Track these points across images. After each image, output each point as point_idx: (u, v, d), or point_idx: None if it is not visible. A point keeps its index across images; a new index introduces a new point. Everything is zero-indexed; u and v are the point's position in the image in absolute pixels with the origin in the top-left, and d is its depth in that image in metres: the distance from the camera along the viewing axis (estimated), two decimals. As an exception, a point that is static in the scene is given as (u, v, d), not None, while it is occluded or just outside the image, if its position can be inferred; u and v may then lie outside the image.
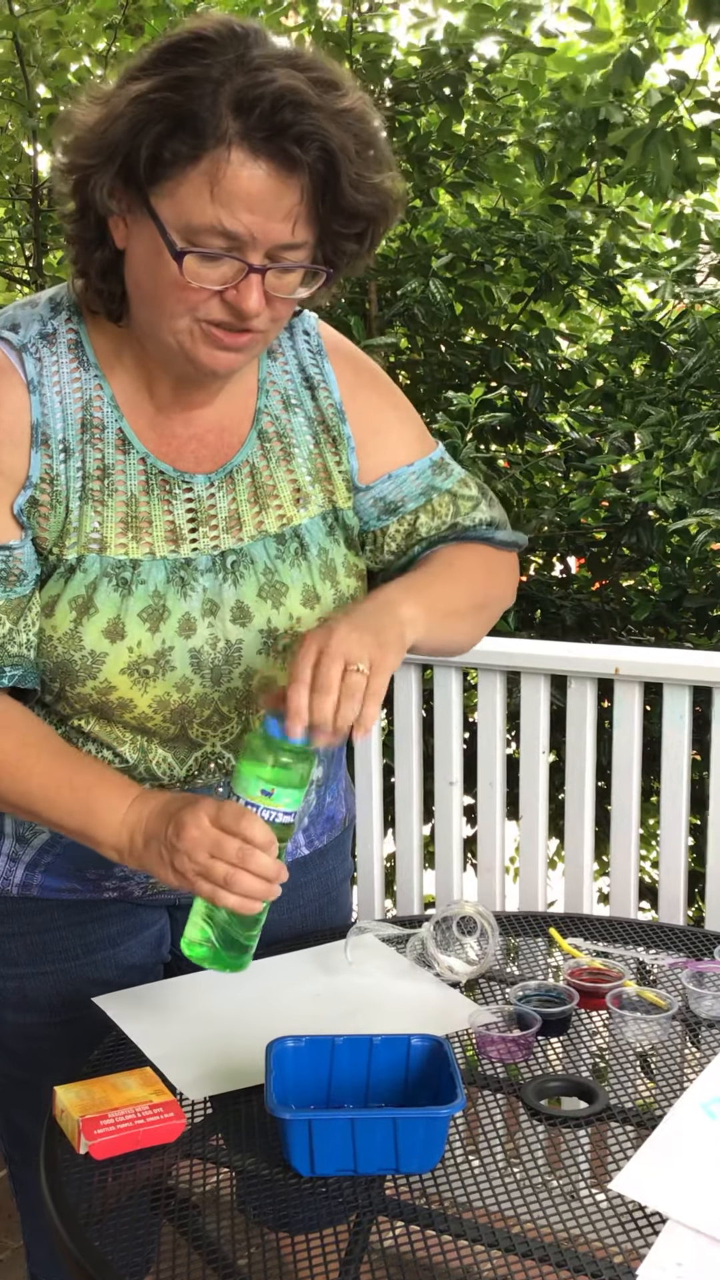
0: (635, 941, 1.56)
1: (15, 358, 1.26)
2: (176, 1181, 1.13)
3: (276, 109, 1.11)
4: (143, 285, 1.21)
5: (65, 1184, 1.10)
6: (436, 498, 1.43)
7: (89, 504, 1.27)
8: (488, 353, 3.21)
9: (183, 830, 1.15)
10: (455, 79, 3.17)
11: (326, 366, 1.39)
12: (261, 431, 1.35)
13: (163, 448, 1.31)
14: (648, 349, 3.04)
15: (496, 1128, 1.19)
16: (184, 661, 1.29)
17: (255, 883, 1.14)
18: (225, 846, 1.13)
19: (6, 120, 4.02)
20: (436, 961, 1.43)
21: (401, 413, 1.46)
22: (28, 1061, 1.42)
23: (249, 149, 1.12)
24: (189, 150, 1.12)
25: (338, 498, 1.38)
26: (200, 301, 1.18)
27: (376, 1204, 1.10)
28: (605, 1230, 1.03)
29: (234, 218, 1.13)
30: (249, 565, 1.32)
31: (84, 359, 1.29)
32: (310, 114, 1.12)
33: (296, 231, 1.17)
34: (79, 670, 1.27)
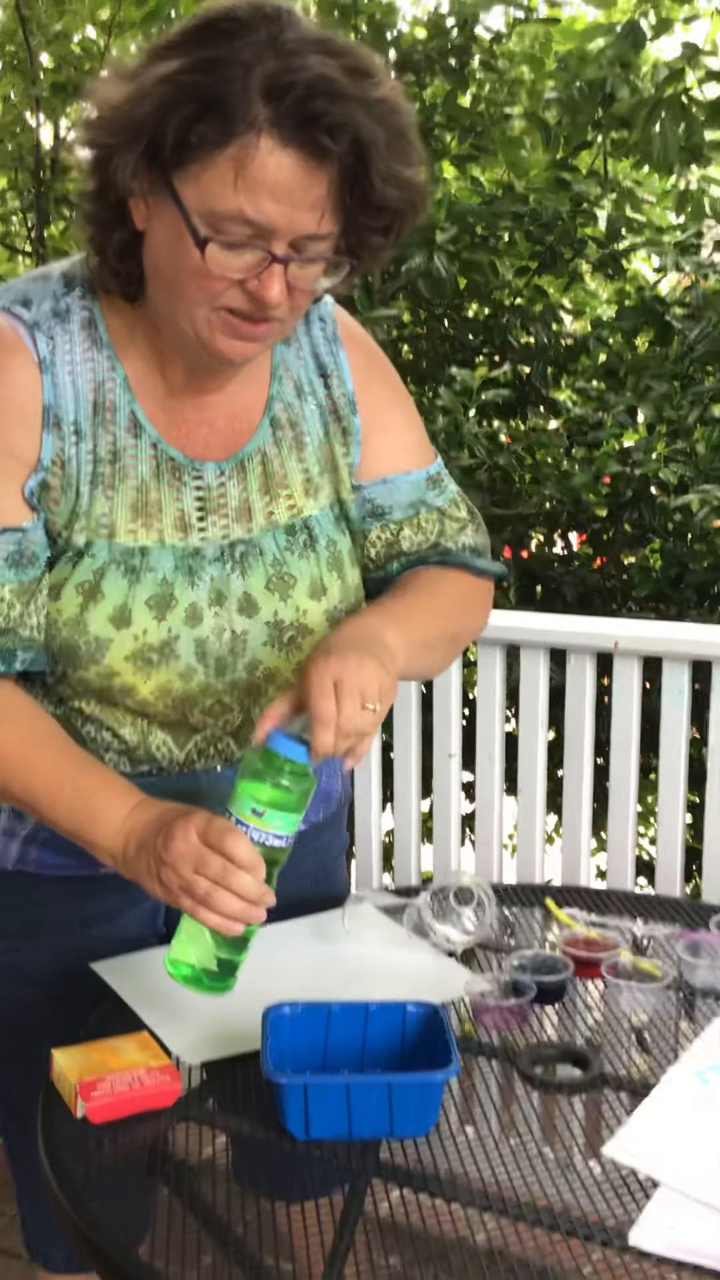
0: (631, 913, 1.56)
1: (27, 335, 1.23)
2: (173, 1145, 1.14)
3: (310, 97, 1.08)
4: (162, 269, 1.18)
5: (62, 1147, 1.11)
6: (424, 513, 1.41)
7: (99, 488, 1.25)
8: (491, 327, 3.20)
9: (170, 843, 1.12)
10: (461, 50, 3.15)
11: (341, 355, 1.37)
12: (274, 419, 1.33)
13: (173, 432, 1.29)
14: (652, 324, 3.03)
15: (491, 1095, 1.19)
16: (189, 651, 1.28)
17: (235, 903, 1.11)
18: (208, 863, 1.11)
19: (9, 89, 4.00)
20: (433, 931, 1.43)
21: (408, 415, 1.44)
22: (22, 1034, 1.42)
23: (279, 137, 1.09)
24: (217, 135, 1.08)
25: (343, 490, 1.37)
26: (221, 290, 1.15)
27: (371, 1169, 1.10)
28: (598, 1195, 1.04)
29: (259, 207, 1.10)
30: (258, 556, 1.31)
31: (97, 339, 1.26)
32: (343, 104, 1.09)
33: (322, 223, 1.14)
34: (83, 655, 1.26)
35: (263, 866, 1.13)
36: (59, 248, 3.94)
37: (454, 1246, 1.03)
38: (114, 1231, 1.02)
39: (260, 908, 1.13)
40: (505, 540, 2.98)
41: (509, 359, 3.15)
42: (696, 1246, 0.97)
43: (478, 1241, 1.02)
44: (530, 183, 3.35)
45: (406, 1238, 1.08)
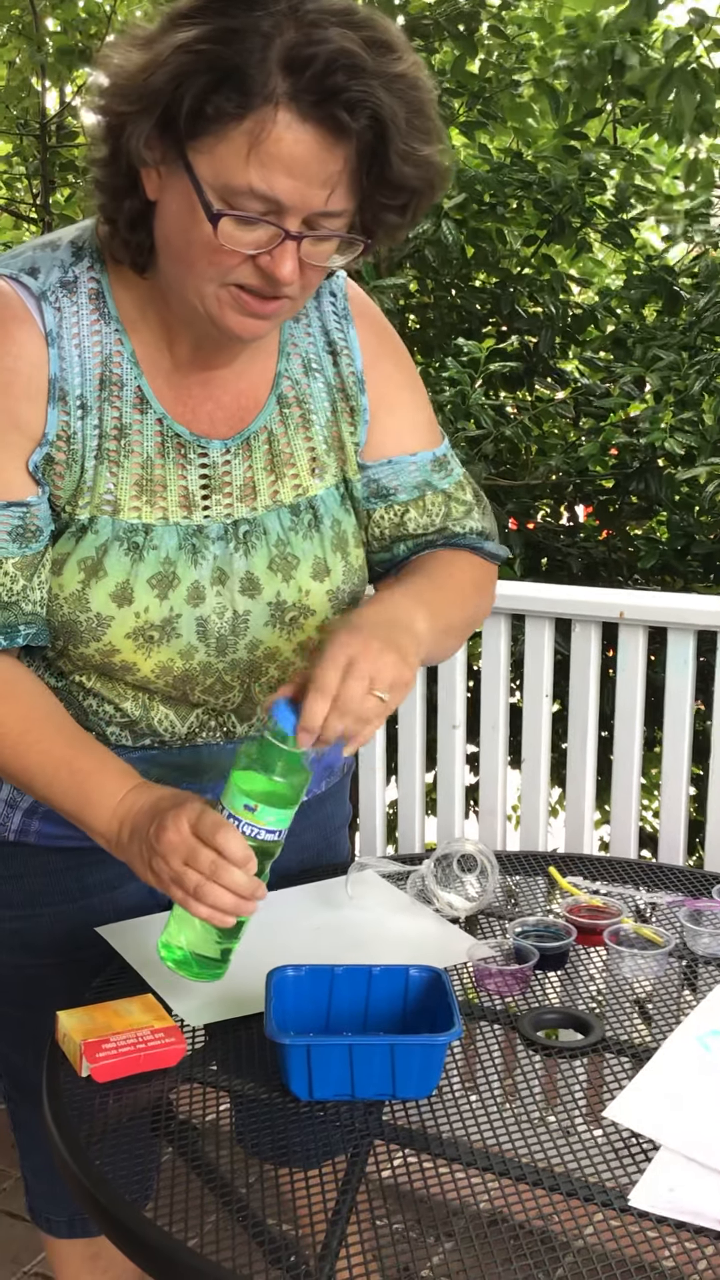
0: (634, 881, 1.57)
1: (34, 305, 1.20)
2: (176, 1106, 1.15)
3: (329, 71, 1.05)
4: (173, 242, 1.15)
5: (67, 1106, 1.12)
6: (430, 495, 1.39)
7: (104, 464, 1.24)
8: (498, 297, 3.18)
9: (162, 833, 1.12)
10: (470, 16, 3.11)
11: (351, 332, 1.35)
12: (281, 396, 1.31)
13: (179, 408, 1.27)
14: (660, 293, 3.01)
15: (494, 1059, 1.20)
16: (190, 629, 1.28)
17: (226, 896, 1.11)
18: (199, 856, 1.10)
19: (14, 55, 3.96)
20: (436, 897, 1.44)
21: (417, 396, 1.42)
22: (25, 1002, 1.43)
23: (296, 111, 1.06)
24: (234, 107, 1.05)
25: (349, 469, 1.35)
26: (233, 265, 1.12)
27: (374, 1130, 1.11)
28: (599, 1157, 1.05)
29: (274, 182, 1.08)
30: (261, 536, 1.30)
31: (105, 311, 1.24)
32: (364, 79, 1.06)
33: (336, 200, 1.11)
34: (83, 631, 1.25)
35: (254, 861, 1.12)
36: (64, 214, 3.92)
37: (456, 1209, 1.04)
38: (118, 1189, 1.03)
39: (251, 902, 1.12)
40: (511, 512, 2.97)
41: (516, 329, 3.13)
42: (696, 1208, 0.97)
43: (480, 1203, 1.03)
44: (539, 150, 3.32)
45: (409, 1200, 1.09)
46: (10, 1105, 1.54)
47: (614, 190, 3.22)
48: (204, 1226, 1.00)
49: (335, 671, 1.12)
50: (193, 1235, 0.99)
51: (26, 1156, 1.55)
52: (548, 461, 2.93)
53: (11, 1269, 2.24)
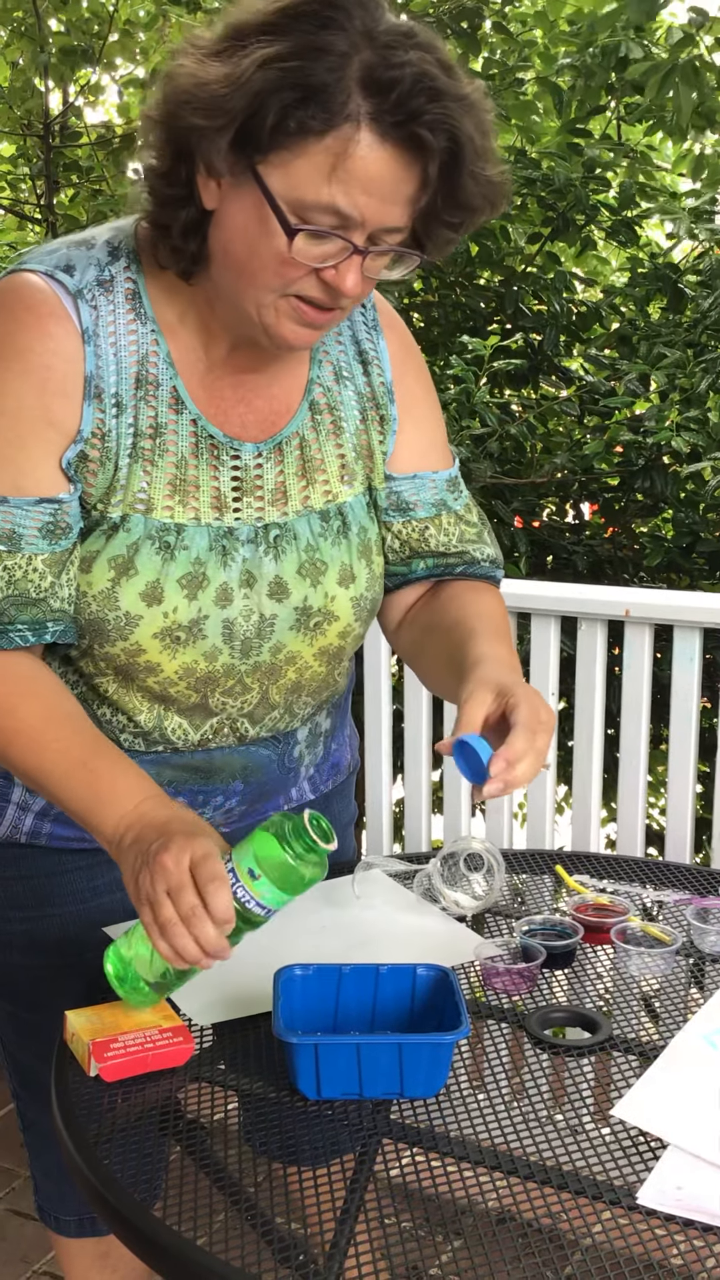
0: (641, 879, 1.57)
1: (70, 303, 1.20)
2: (185, 1105, 1.15)
3: (413, 94, 1.07)
4: (234, 253, 1.16)
5: (75, 1105, 1.12)
6: (445, 515, 1.41)
7: (138, 463, 1.24)
8: (503, 295, 3.18)
9: (163, 852, 1.09)
10: (473, 12, 3.11)
11: (381, 342, 1.36)
12: (313, 403, 1.33)
13: (211, 410, 1.27)
14: (664, 291, 3.01)
15: (501, 1057, 1.20)
16: (216, 631, 1.28)
17: (190, 945, 1.08)
18: (183, 896, 1.08)
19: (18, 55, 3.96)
20: (442, 896, 1.44)
21: (436, 413, 1.44)
22: (35, 1003, 1.43)
23: (378, 132, 1.08)
24: (318, 124, 1.07)
25: (375, 477, 1.36)
26: (296, 277, 1.14)
27: (382, 1129, 1.11)
28: (607, 1156, 1.05)
29: (352, 199, 1.09)
30: (291, 541, 1.30)
31: (141, 311, 1.24)
32: (443, 102, 1.09)
33: (404, 217, 1.14)
34: (111, 630, 1.25)
35: (232, 924, 1.09)
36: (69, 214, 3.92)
37: (464, 1207, 1.04)
38: (126, 1188, 1.03)
39: (210, 960, 1.10)
40: (516, 510, 2.97)
41: (521, 327, 3.13)
42: (704, 1205, 0.98)
43: (488, 1202, 1.03)
44: (543, 148, 3.32)
45: (417, 1199, 1.09)
46: (19, 1105, 1.54)
47: (618, 188, 3.22)
48: (213, 1225, 1.01)
49: (530, 720, 1.16)
50: (202, 1234, 1.00)
51: (36, 1156, 1.55)
52: (553, 459, 2.93)
53: (21, 1268, 2.25)
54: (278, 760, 1.40)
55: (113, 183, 3.96)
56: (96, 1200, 1.04)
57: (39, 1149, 1.54)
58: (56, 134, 3.95)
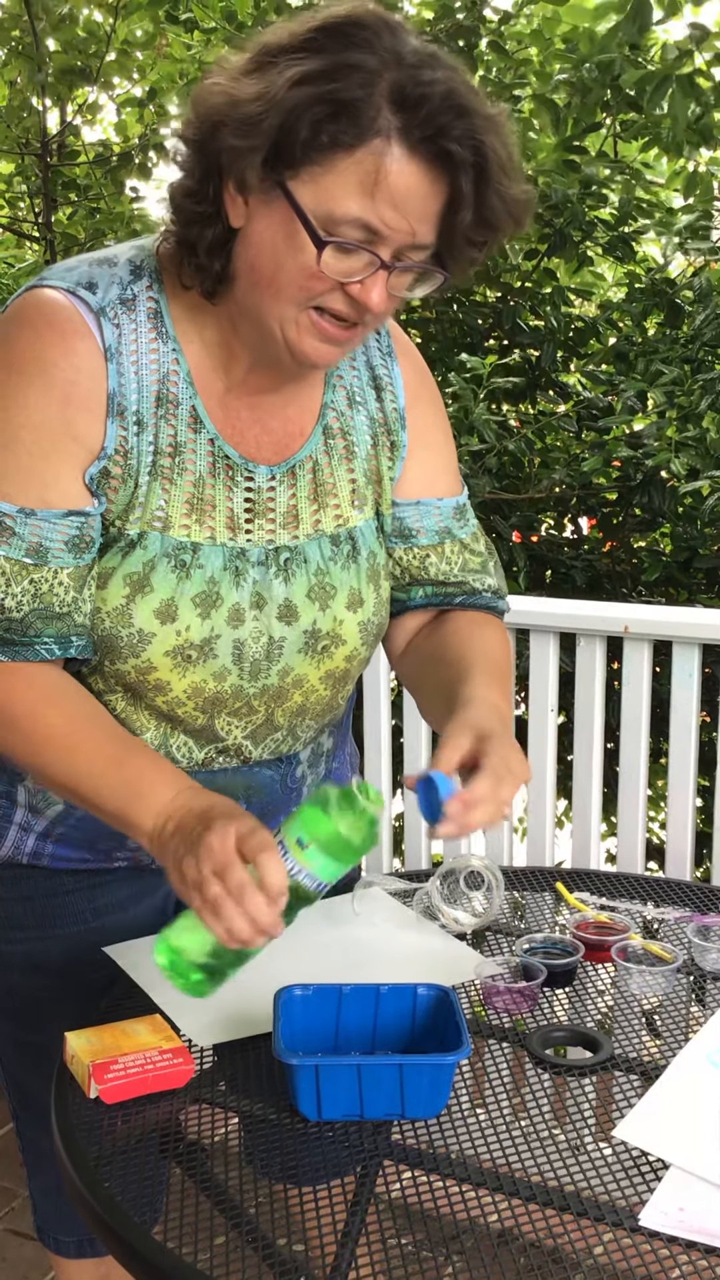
0: (641, 896, 1.56)
1: (93, 321, 1.21)
2: (185, 1126, 1.14)
3: (442, 110, 1.09)
4: (261, 268, 1.17)
5: (75, 1127, 1.12)
6: (449, 543, 1.42)
7: (158, 480, 1.24)
8: (500, 310, 3.18)
9: (206, 834, 1.09)
10: (469, 31, 3.13)
11: (395, 368, 1.37)
12: (327, 427, 1.33)
13: (228, 430, 1.28)
14: (661, 306, 3.02)
15: (502, 1077, 1.20)
16: (226, 651, 1.28)
17: (242, 921, 1.07)
18: (231, 871, 1.07)
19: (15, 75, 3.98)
20: (442, 914, 1.44)
21: (447, 440, 1.45)
22: (35, 1024, 1.43)
23: (408, 147, 1.10)
24: (349, 139, 1.09)
25: (383, 503, 1.37)
26: (321, 291, 1.15)
27: (383, 1150, 1.11)
28: (609, 1176, 1.05)
29: (381, 214, 1.11)
30: (301, 564, 1.31)
31: (163, 331, 1.25)
32: (472, 119, 1.11)
33: (428, 233, 1.15)
34: (123, 647, 1.25)
35: (285, 895, 1.07)
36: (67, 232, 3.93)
37: (465, 1227, 1.03)
38: (126, 1210, 1.03)
39: (263, 939, 1.09)
40: (515, 525, 2.97)
41: (518, 343, 3.14)
42: (706, 1227, 0.97)
43: (489, 1223, 1.03)
44: (539, 165, 3.33)
45: (418, 1219, 1.09)
46: (19, 1126, 1.54)
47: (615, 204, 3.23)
48: (213, 1247, 1.00)
49: (497, 768, 1.16)
50: (202, 1256, 0.99)
51: (35, 1177, 1.55)
52: (551, 475, 2.93)
53: (20, 1288, 2.24)
54: (280, 781, 1.40)
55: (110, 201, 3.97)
56: (96, 1223, 1.04)
57: (38, 1170, 1.53)
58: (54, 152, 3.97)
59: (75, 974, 1.40)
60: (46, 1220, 1.55)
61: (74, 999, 1.35)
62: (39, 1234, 1.58)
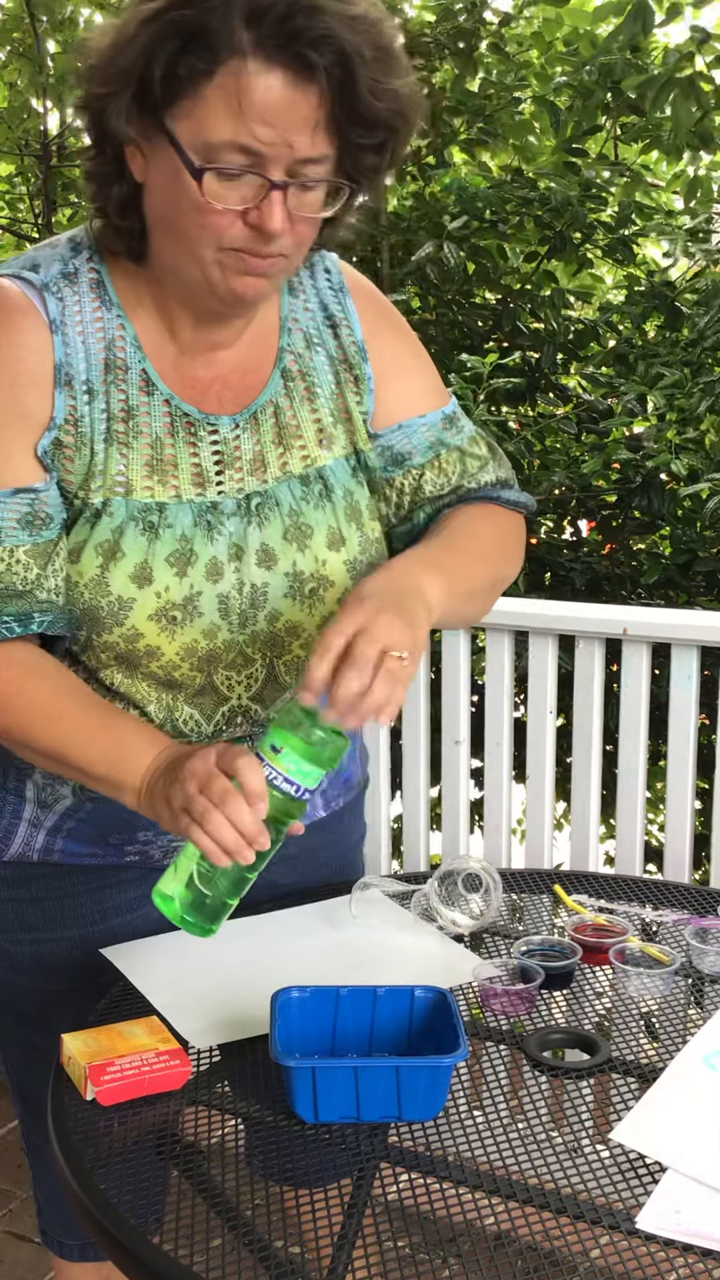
0: (640, 899, 1.56)
1: (37, 297, 1.24)
2: (182, 1128, 1.14)
3: (290, 15, 1.09)
4: (164, 214, 1.18)
5: (72, 1129, 1.12)
6: (445, 454, 1.40)
7: (113, 446, 1.25)
8: (500, 313, 3.19)
9: (187, 759, 1.14)
10: (469, 34, 3.13)
11: (349, 303, 1.38)
12: (285, 370, 1.34)
13: (186, 390, 1.29)
14: (661, 309, 3.02)
15: (500, 1079, 1.20)
16: (211, 607, 1.28)
17: (228, 831, 1.08)
18: (213, 784, 1.10)
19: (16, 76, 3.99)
20: (440, 916, 1.43)
21: (420, 360, 1.44)
22: (42, 1025, 1.43)
23: (263, 58, 1.09)
24: (204, 65, 1.09)
25: (359, 439, 1.36)
26: (224, 228, 1.15)
27: (380, 1152, 1.11)
28: (606, 1179, 1.04)
29: (251, 130, 1.11)
30: (274, 508, 1.31)
31: (106, 299, 1.27)
32: (323, 18, 1.10)
33: (316, 144, 1.14)
34: (105, 617, 1.26)
35: (266, 802, 1.09)
36: (67, 234, 3.93)
37: (462, 1230, 1.03)
38: (123, 1213, 1.03)
39: (250, 850, 1.10)
40: (514, 527, 2.97)
41: (518, 345, 3.14)
42: (703, 1230, 0.97)
43: (486, 1225, 1.03)
44: (539, 167, 3.33)
45: (415, 1221, 1.09)
46: (24, 1128, 1.54)
47: (615, 206, 3.23)
48: (209, 1250, 1.00)
49: (340, 637, 1.13)
50: (199, 1259, 0.99)
51: (39, 1179, 1.55)
52: (551, 477, 2.93)
53: (18, 1290, 2.24)
54: None
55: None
56: (93, 1225, 1.04)
57: (42, 1172, 1.53)
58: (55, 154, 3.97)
59: (83, 977, 1.39)
60: (50, 1223, 1.55)
61: (81, 1001, 1.35)
62: (42, 1236, 1.58)
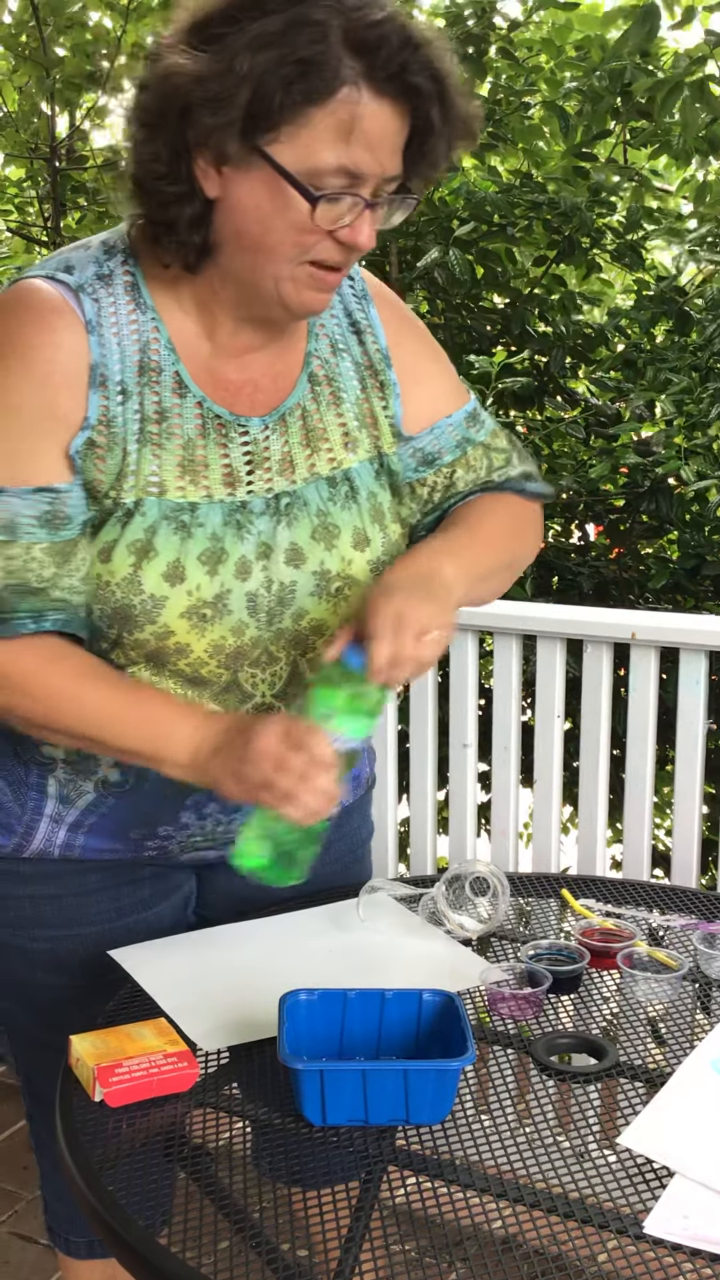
0: (647, 903, 1.56)
1: (73, 298, 1.25)
2: (190, 1130, 1.15)
3: (401, 48, 1.13)
4: (249, 233, 1.20)
5: (80, 1130, 1.12)
6: (471, 450, 1.44)
7: (147, 447, 1.26)
8: (509, 317, 3.19)
9: (253, 741, 1.19)
10: (479, 38, 3.13)
11: (372, 311, 1.40)
12: (312, 375, 1.36)
13: (218, 392, 1.31)
14: (670, 314, 3.02)
15: (507, 1083, 1.20)
16: (240, 605, 1.30)
17: (313, 798, 1.17)
18: (290, 762, 1.17)
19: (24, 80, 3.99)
20: (447, 919, 1.43)
21: (441, 362, 1.48)
22: (56, 1022, 1.43)
23: (374, 89, 1.14)
24: (318, 95, 1.12)
25: (383, 443, 1.39)
26: (313, 243, 1.19)
27: (387, 1155, 1.11)
28: (614, 1183, 1.04)
29: (357, 158, 1.15)
30: (302, 507, 1.33)
31: (141, 301, 1.28)
32: (426, 50, 1.15)
33: (398, 164, 1.19)
34: (138, 615, 1.26)
35: (335, 767, 1.19)
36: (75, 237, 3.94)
37: (469, 1234, 1.03)
38: (131, 1214, 1.03)
39: (331, 805, 1.19)
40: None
41: (527, 348, 3.14)
42: (711, 1234, 0.97)
43: (493, 1229, 1.03)
44: (548, 172, 3.33)
45: (422, 1225, 1.09)
46: (33, 1126, 1.54)
47: (624, 211, 3.23)
48: (217, 1251, 1.00)
49: (388, 623, 1.19)
50: (206, 1260, 0.99)
51: (48, 1177, 1.55)
52: (559, 480, 2.93)
53: (23, 1292, 2.24)
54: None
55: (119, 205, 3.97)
56: (101, 1226, 1.04)
57: (50, 1169, 1.53)
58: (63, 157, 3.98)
59: (98, 975, 1.40)
60: (58, 1221, 1.55)
61: (96, 999, 1.35)
62: (49, 1234, 1.58)
